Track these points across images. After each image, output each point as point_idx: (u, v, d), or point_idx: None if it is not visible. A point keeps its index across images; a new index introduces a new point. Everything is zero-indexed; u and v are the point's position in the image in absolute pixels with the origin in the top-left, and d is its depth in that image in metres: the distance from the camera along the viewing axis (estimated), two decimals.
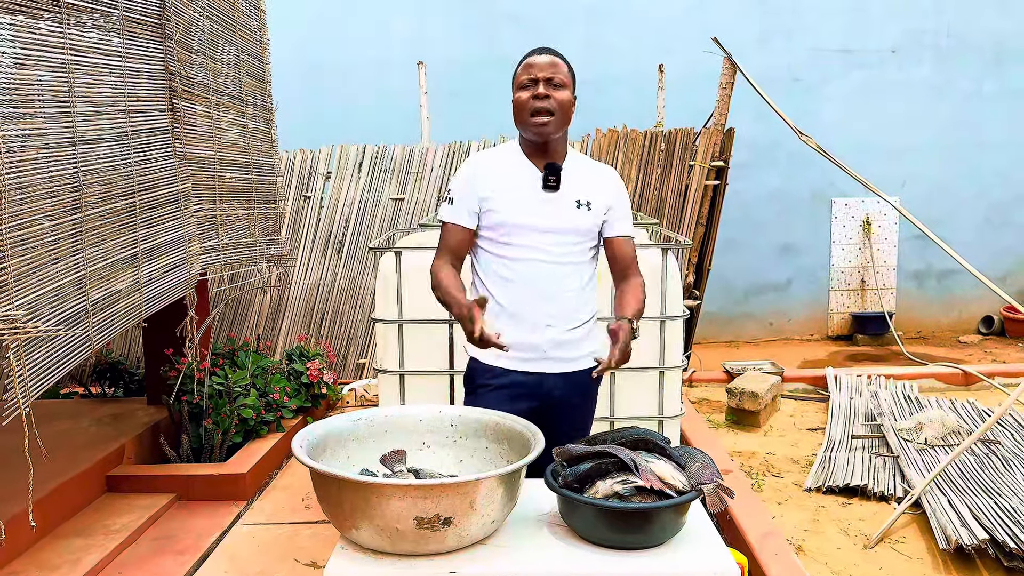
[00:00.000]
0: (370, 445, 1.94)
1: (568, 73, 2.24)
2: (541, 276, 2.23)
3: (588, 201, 2.26)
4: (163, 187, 3.42)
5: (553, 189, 2.21)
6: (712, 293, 6.80)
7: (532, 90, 2.19)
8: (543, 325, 2.24)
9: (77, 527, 3.46)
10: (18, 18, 2.46)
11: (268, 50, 4.79)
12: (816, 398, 5.55)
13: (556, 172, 2.21)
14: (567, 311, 2.26)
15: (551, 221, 2.23)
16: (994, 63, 7.51)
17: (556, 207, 2.23)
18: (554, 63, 2.21)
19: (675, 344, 3.49)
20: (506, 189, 2.24)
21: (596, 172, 2.35)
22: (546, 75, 2.19)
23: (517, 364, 2.26)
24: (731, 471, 3.88)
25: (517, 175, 2.26)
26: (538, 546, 1.69)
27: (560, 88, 2.20)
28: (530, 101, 2.19)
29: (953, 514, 3.30)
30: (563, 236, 2.24)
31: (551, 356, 2.26)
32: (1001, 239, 7.67)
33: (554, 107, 2.18)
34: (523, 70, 2.23)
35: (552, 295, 2.24)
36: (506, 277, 2.25)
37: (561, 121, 2.21)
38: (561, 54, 2.27)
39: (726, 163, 6.03)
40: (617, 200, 2.32)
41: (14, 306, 2.32)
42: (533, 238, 2.22)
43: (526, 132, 2.24)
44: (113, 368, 5.14)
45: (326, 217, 6.31)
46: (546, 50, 2.26)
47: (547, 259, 2.23)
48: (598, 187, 2.30)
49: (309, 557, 3.31)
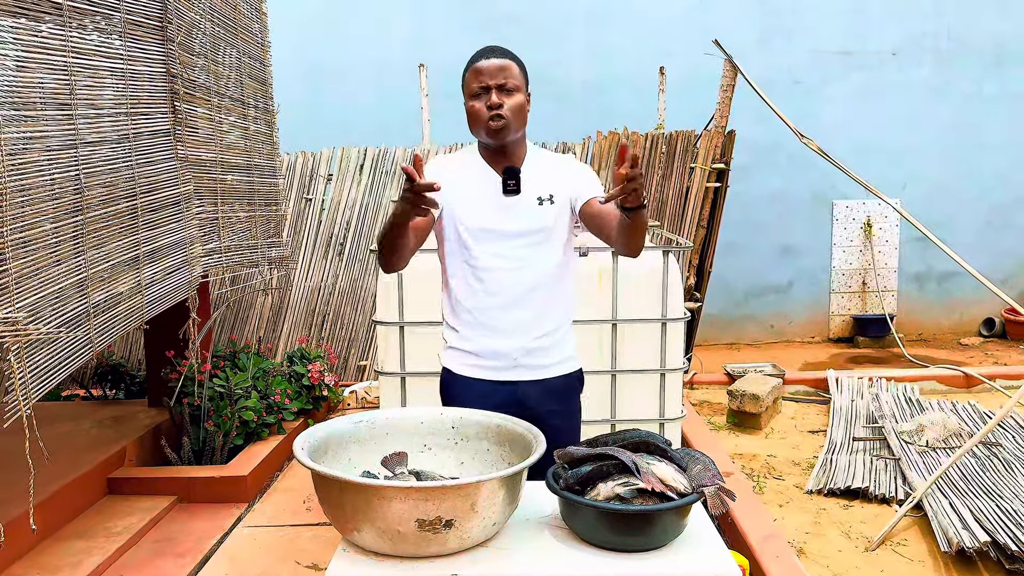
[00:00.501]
0: (371, 447, 1.94)
1: (519, 74, 2.15)
2: (506, 283, 2.17)
3: (550, 194, 2.19)
4: (165, 189, 3.43)
5: (514, 193, 2.10)
6: (713, 295, 6.80)
7: (484, 99, 2.12)
8: (511, 332, 2.19)
9: (78, 529, 3.46)
10: (20, 21, 2.46)
11: (269, 52, 4.80)
12: (817, 400, 5.55)
13: (515, 175, 2.10)
14: (536, 317, 2.20)
15: (513, 224, 2.17)
16: (994, 65, 7.52)
17: (518, 210, 2.17)
18: (503, 67, 2.12)
19: (676, 346, 3.49)
20: (467, 197, 2.18)
21: (557, 163, 2.27)
22: (497, 81, 2.11)
23: (488, 373, 2.22)
24: (732, 473, 3.88)
25: (477, 181, 2.20)
26: (539, 548, 1.68)
27: (513, 92, 2.12)
28: (483, 110, 2.11)
29: (954, 516, 3.30)
30: (527, 238, 2.18)
31: (522, 364, 2.21)
32: (1002, 241, 7.67)
33: (508, 114, 2.11)
34: (472, 77, 2.14)
35: (519, 301, 2.18)
36: (472, 285, 2.20)
37: (517, 125, 2.14)
38: (510, 52, 2.18)
39: (727, 165, 6.03)
40: (580, 177, 2.23)
41: (15, 308, 2.32)
42: (496, 245, 2.17)
43: (483, 139, 2.19)
44: (114, 370, 5.14)
45: (327, 219, 6.31)
46: (493, 52, 2.16)
47: (511, 265, 2.17)
48: (559, 177, 2.22)
49: (310, 559, 3.31)
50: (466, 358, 2.25)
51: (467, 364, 2.24)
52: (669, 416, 3.50)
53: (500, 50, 2.16)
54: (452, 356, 2.28)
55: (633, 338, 3.46)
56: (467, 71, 2.17)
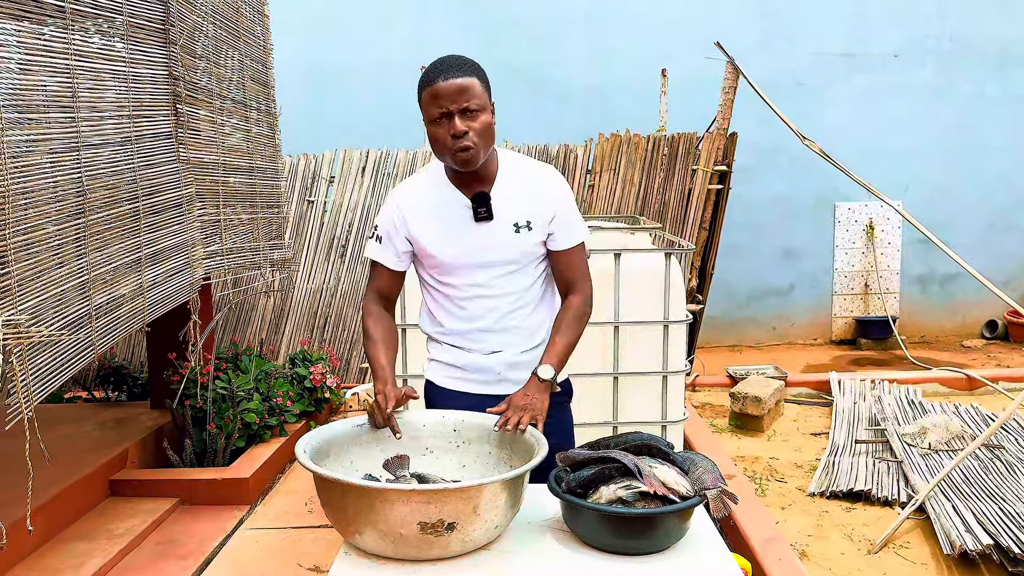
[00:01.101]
0: (373, 450, 1.94)
1: (482, 90, 1.94)
2: (487, 310, 2.09)
3: (527, 221, 2.04)
4: (167, 192, 3.43)
5: (486, 219, 2.00)
6: (715, 297, 6.79)
7: (446, 126, 1.92)
8: (495, 350, 2.12)
9: (80, 531, 3.47)
10: (23, 24, 2.47)
11: (271, 55, 4.81)
12: (820, 403, 5.54)
13: (485, 202, 1.99)
14: (519, 337, 2.13)
15: (488, 255, 2.04)
16: (997, 68, 7.51)
17: (492, 239, 2.03)
18: (463, 88, 1.90)
19: (678, 349, 3.49)
20: (436, 227, 2.05)
21: (532, 181, 2.08)
22: (458, 105, 1.91)
23: (472, 387, 2.16)
24: (734, 476, 3.87)
25: (445, 209, 2.05)
26: (541, 551, 1.68)
27: (477, 113, 1.93)
28: (448, 139, 1.92)
29: (957, 519, 3.29)
30: (504, 267, 2.06)
31: (507, 378, 2.14)
32: (1004, 243, 7.66)
33: (475, 140, 1.93)
34: (430, 100, 1.93)
35: (501, 326, 2.10)
36: (451, 310, 2.12)
37: (485, 147, 1.97)
38: (468, 64, 1.95)
39: (729, 167, 6.03)
40: (560, 207, 2.07)
41: (18, 310, 2.33)
42: (472, 275, 2.06)
43: (448, 164, 2.02)
44: (116, 372, 5.14)
45: (329, 221, 6.32)
46: (451, 69, 1.92)
47: (490, 293, 2.07)
48: (536, 200, 2.06)
49: (312, 562, 3.31)
50: (449, 371, 2.19)
51: (451, 377, 2.18)
52: (671, 419, 3.49)
53: (457, 65, 1.94)
54: (435, 369, 2.22)
55: (635, 340, 3.46)
56: (423, 90, 1.96)
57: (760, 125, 6.56)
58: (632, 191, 6.13)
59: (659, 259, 3.43)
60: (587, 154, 6.24)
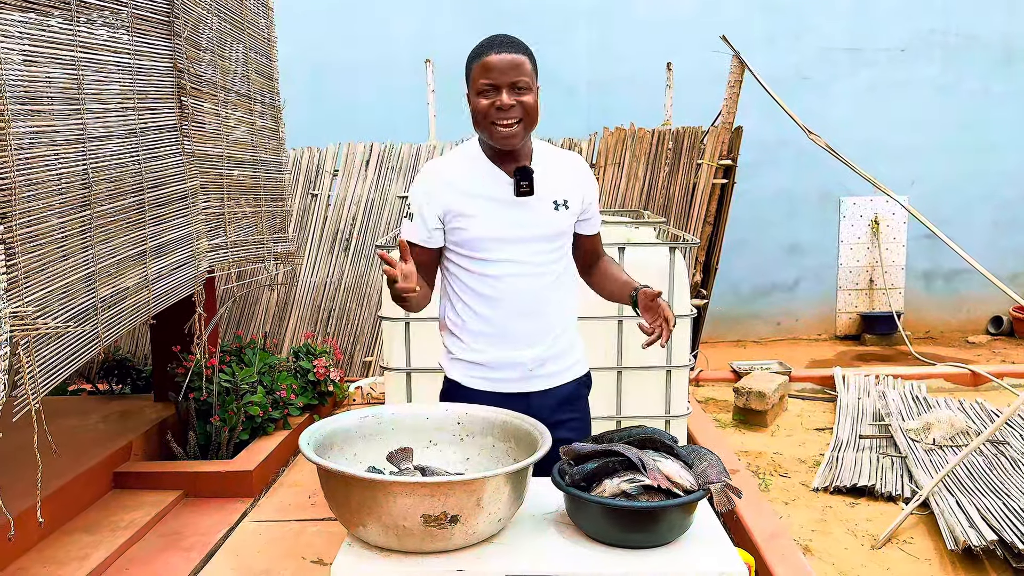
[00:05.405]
0: (377, 443, 1.94)
1: (531, 70, 1.95)
2: (523, 291, 2.05)
3: (565, 199, 2.07)
4: (171, 184, 3.43)
5: (527, 194, 2.00)
6: (719, 292, 6.79)
7: (494, 98, 1.92)
8: (526, 341, 2.08)
9: (85, 523, 3.48)
10: (28, 16, 2.47)
11: (276, 48, 4.80)
12: (824, 398, 5.53)
13: (528, 176, 1.99)
14: (551, 325, 2.10)
15: (529, 229, 2.03)
16: (1003, 63, 7.48)
17: (533, 213, 2.04)
18: (515, 63, 1.92)
19: (682, 343, 3.48)
20: (475, 201, 2.02)
21: (566, 164, 2.13)
22: (509, 80, 1.91)
23: (499, 386, 2.10)
24: (738, 471, 3.87)
25: (485, 184, 2.03)
26: (545, 545, 1.68)
27: (525, 91, 1.94)
28: (493, 112, 1.93)
29: (961, 515, 3.29)
30: (542, 244, 2.06)
31: (536, 374, 2.11)
32: (1010, 239, 7.64)
33: (522, 115, 1.94)
34: (480, 72, 1.93)
35: (536, 311, 2.07)
36: (484, 294, 2.06)
37: (530, 126, 1.98)
38: (521, 44, 1.97)
39: (734, 162, 6.02)
40: (591, 192, 2.15)
41: (24, 302, 2.33)
42: (511, 250, 2.03)
43: (487, 140, 2.01)
44: (121, 365, 5.16)
45: (333, 215, 6.32)
46: (504, 45, 1.94)
47: (528, 272, 2.04)
48: (572, 181, 2.10)
49: (316, 554, 3.32)
50: (474, 370, 2.12)
51: (475, 376, 2.12)
52: (675, 413, 3.49)
53: (511, 42, 1.96)
54: (457, 367, 2.15)
55: (639, 335, 3.44)
56: (473, 63, 1.96)
57: (765, 120, 6.53)
58: (637, 185, 6.12)
59: (663, 254, 3.42)
60: (592, 148, 6.23)
